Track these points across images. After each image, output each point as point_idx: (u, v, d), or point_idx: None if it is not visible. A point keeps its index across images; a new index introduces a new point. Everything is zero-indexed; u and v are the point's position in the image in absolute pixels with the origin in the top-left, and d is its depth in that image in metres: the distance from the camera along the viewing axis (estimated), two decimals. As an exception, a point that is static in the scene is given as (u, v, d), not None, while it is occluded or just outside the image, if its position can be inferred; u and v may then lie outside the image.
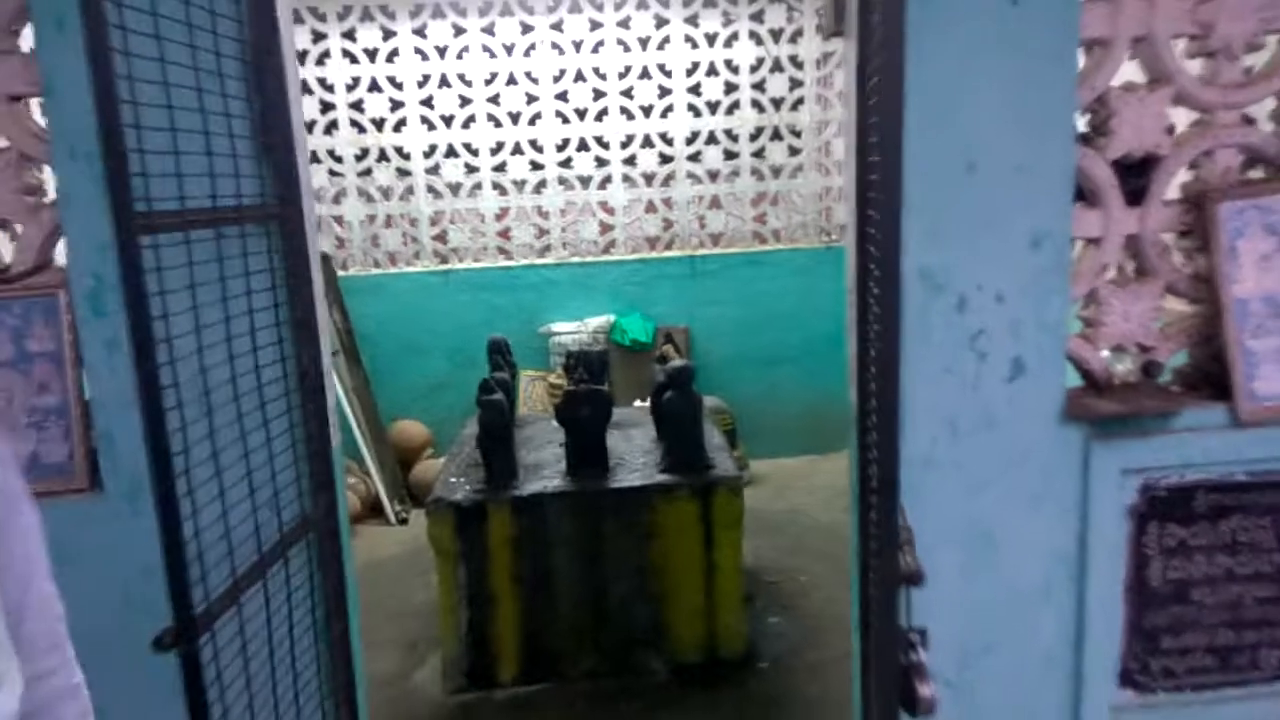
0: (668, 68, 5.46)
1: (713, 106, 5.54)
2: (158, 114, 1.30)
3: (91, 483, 1.73)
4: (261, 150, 1.67)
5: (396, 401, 5.43)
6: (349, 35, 5.30)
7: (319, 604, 1.86)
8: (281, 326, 1.71)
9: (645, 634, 3.39)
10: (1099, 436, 1.80)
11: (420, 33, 5.33)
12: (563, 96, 5.45)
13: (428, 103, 5.41)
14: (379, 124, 5.42)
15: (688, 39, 5.43)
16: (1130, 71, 1.83)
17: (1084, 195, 1.83)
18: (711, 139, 5.58)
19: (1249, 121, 1.84)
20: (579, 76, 5.44)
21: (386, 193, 5.51)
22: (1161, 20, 1.77)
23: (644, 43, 5.42)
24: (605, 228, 5.64)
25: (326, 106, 5.36)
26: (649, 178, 5.60)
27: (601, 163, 5.56)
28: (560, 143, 5.51)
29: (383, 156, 5.47)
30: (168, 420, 1.23)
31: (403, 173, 5.50)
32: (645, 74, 5.46)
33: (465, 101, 5.42)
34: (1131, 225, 1.84)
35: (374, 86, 5.37)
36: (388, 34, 5.31)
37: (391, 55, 5.34)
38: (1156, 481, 1.83)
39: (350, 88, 5.36)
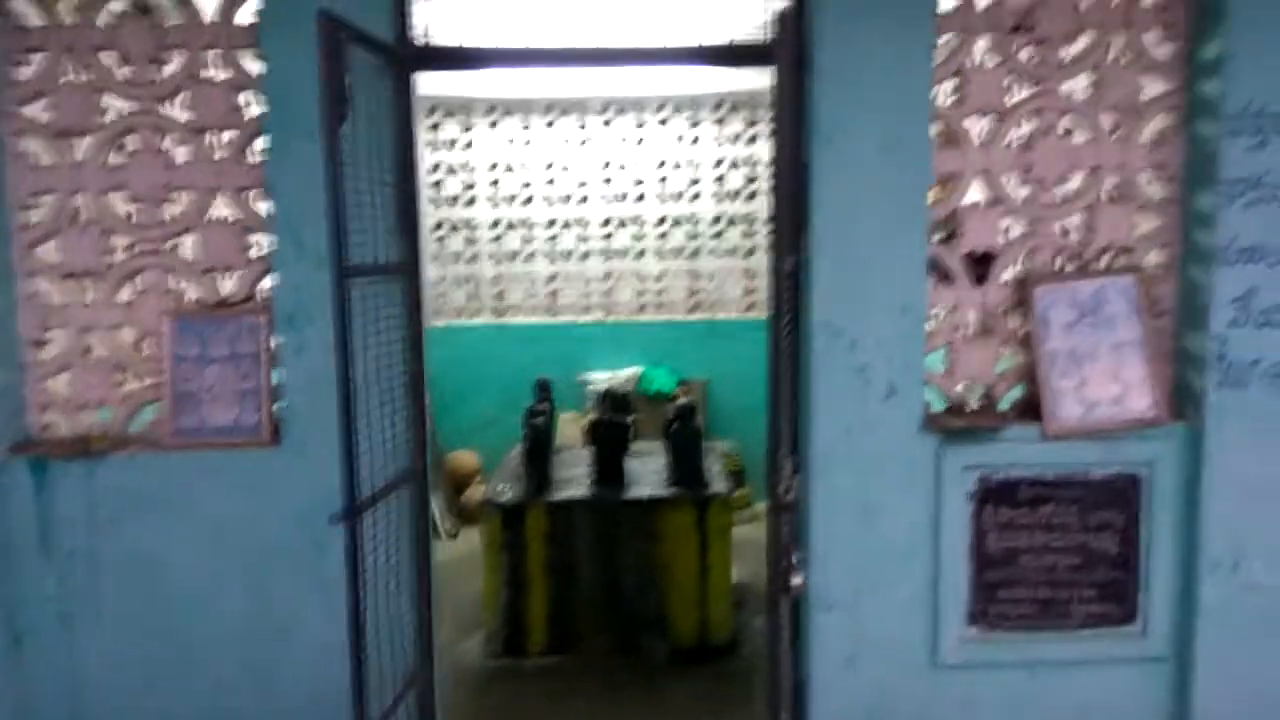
0: (697, 161, 6.45)
1: (736, 194, 6.50)
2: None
3: (274, 440, 2.64)
4: (398, 227, 2.61)
5: (454, 434, 6.34)
6: (433, 128, 6.38)
7: (409, 530, 2.73)
8: (404, 344, 2.62)
9: (649, 619, 4.18)
10: (949, 442, 2.62)
11: (493, 126, 6.40)
12: (608, 181, 6.46)
13: (495, 184, 6.45)
14: (454, 200, 6.46)
15: (716, 138, 6.43)
16: (977, 193, 2.70)
17: (945, 276, 2.69)
18: (733, 221, 6.53)
19: (1064, 232, 2.70)
20: (623, 166, 6.45)
21: (457, 257, 6.53)
22: (997, 161, 2.65)
23: (679, 139, 6.43)
24: (639, 292, 6.58)
25: (410, 184, 6.41)
26: (679, 251, 6.55)
27: (639, 237, 6.53)
28: (604, 220, 6.50)
29: (454, 228, 6.50)
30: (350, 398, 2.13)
31: (470, 241, 6.52)
32: (679, 165, 6.46)
33: (526, 184, 6.45)
34: (977, 299, 2.69)
35: (450, 170, 6.42)
36: (466, 127, 6.39)
37: (467, 144, 6.41)
38: (990, 476, 2.64)
39: (431, 170, 6.42)
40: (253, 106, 2.65)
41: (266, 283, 2.68)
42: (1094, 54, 2.62)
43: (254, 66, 2.61)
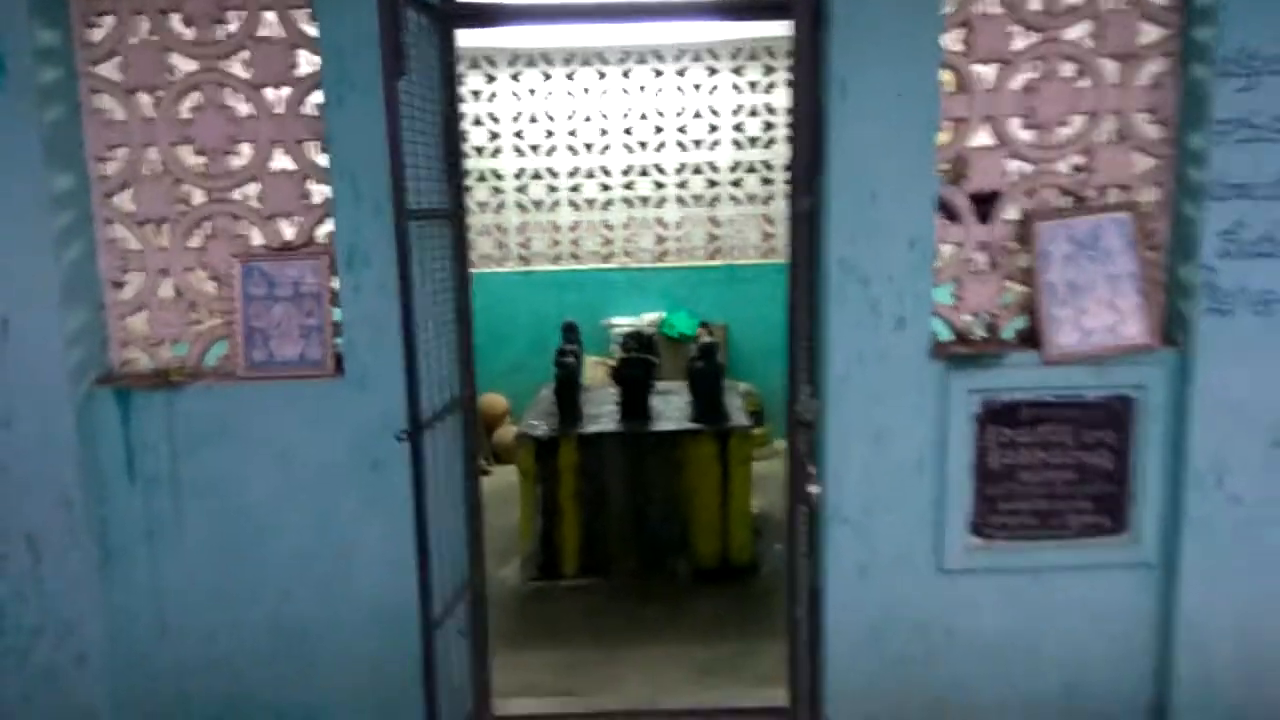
0: (716, 109, 6.59)
1: (753, 141, 6.65)
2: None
3: (336, 371, 2.89)
4: (446, 173, 2.82)
5: (484, 377, 6.52)
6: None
7: (460, 452, 2.98)
8: (452, 281, 2.85)
9: (674, 543, 4.46)
10: (955, 368, 2.84)
11: (515, 78, 6.55)
12: (628, 131, 6.62)
13: (519, 134, 6.62)
14: (479, 150, 6.64)
15: (734, 85, 6.56)
16: (984, 137, 2.88)
17: (952, 216, 2.88)
18: (751, 168, 6.69)
19: (1065, 172, 2.88)
20: (643, 115, 6.60)
21: (483, 206, 6.72)
22: (1002, 105, 2.82)
23: (697, 88, 6.57)
24: (660, 239, 6.77)
25: (437, 135, 6.60)
26: (698, 198, 6.73)
27: (659, 185, 6.70)
28: (625, 169, 6.67)
29: (481, 178, 6.69)
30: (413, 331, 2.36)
31: (496, 190, 6.71)
32: (697, 114, 6.61)
33: (549, 134, 6.62)
34: (983, 235, 2.89)
35: (476, 120, 6.59)
36: (490, 78, 6.55)
37: (491, 96, 6.57)
38: (993, 399, 2.86)
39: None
40: (306, 64, 2.85)
41: (324, 228, 2.90)
42: (1094, 2, 2.78)
43: (308, 26, 2.80)
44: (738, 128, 6.63)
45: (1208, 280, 2.75)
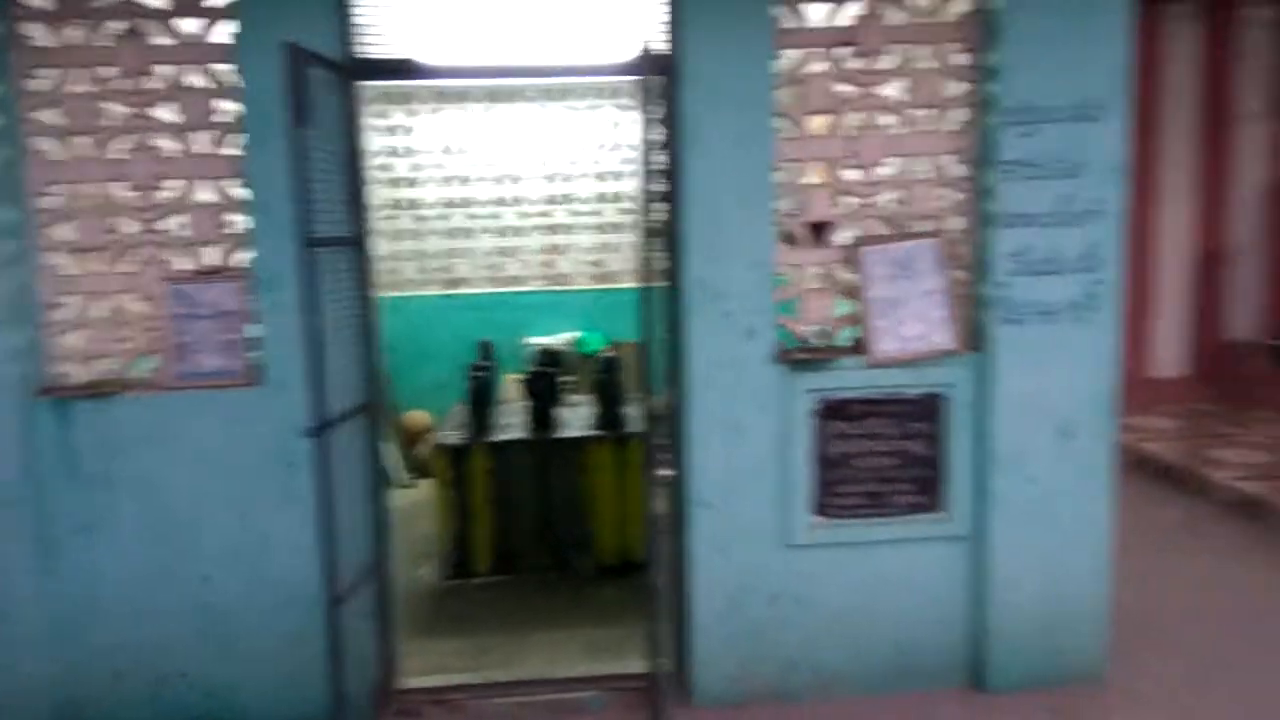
0: (626, 142, 7.10)
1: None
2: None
3: (253, 381, 3.26)
4: (351, 205, 3.23)
5: (408, 395, 6.96)
6: (380, 115, 6.95)
7: (366, 449, 3.37)
8: (357, 300, 3.26)
9: (578, 541, 4.87)
10: (797, 371, 3.31)
11: (436, 112, 6.98)
12: (546, 163, 7.09)
13: (438, 166, 7.05)
14: (401, 182, 7.05)
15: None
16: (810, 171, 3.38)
17: (794, 241, 3.37)
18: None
19: (884, 204, 3.39)
20: (559, 148, 7.08)
21: (406, 234, 7.12)
22: (830, 149, 3.33)
23: (615, 126, 7.07)
24: (577, 264, 7.24)
25: (363, 166, 7.01)
26: (615, 226, 7.21)
27: (576, 214, 7.17)
28: (544, 198, 7.14)
29: (403, 206, 7.08)
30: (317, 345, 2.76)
31: (419, 218, 7.11)
32: (610, 147, 7.10)
33: (466, 166, 7.06)
34: (818, 258, 3.38)
35: (396, 154, 7.01)
36: (411, 114, 6.98)
37: (413, 130, 6.99)
38: (829, 397, 3.34)
39: (380, 155, 6.99)
40: (225, 111, 3.25)
41: (242, 254, 3.29)
42: (907, 62, 3.31)
43: (229, 76, 3.20)
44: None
45: (1002, 295, 3.28)
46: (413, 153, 7.03)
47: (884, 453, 3.39)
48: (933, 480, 3.40)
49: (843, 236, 3.40)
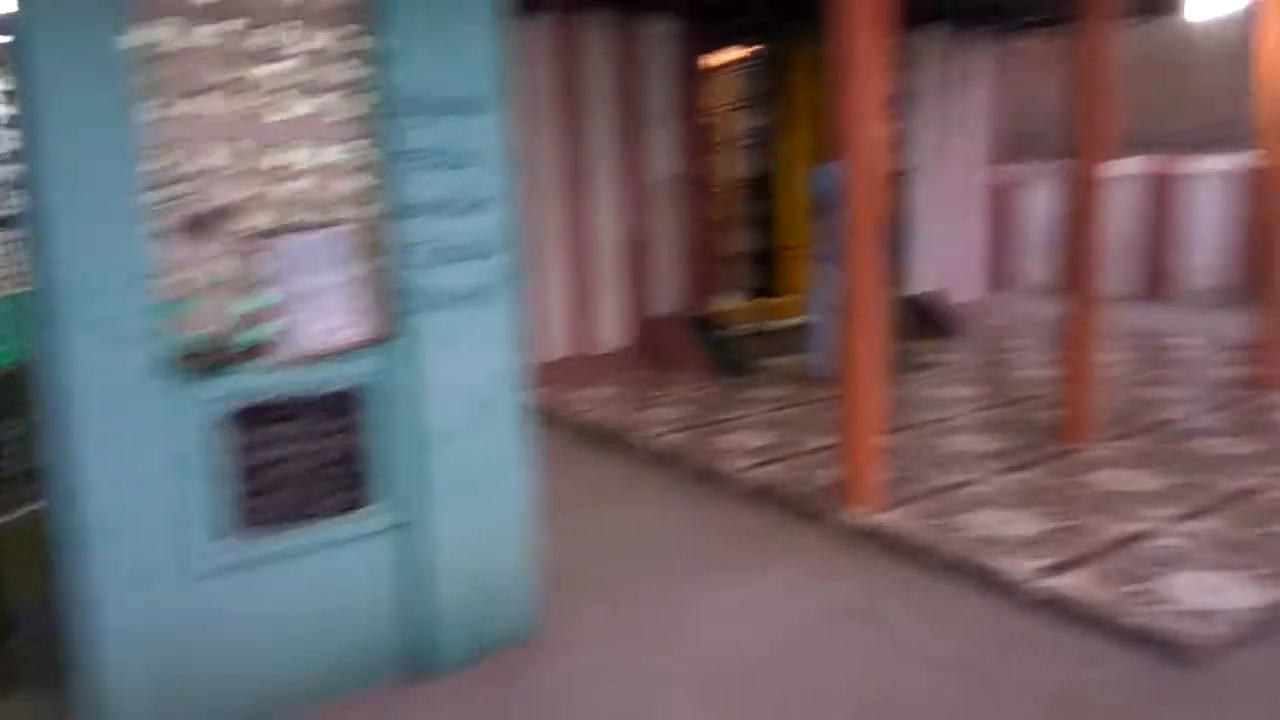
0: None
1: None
2: None
3: None
4: None
5: None
6: None
7: None
8: None
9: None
10: (192, 378, 3.01)
11: None
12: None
13: None
14: None
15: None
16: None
17: (183, 235, 3.06)
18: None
19: (294, 192, 3.23)
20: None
21: None
22: (203, 133, 3.07)
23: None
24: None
25: None
26: None
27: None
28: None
29: None
30: None
31: None
32: None
33: None
34: (214, 252, 3.11)
35: None
36: None
37: None
38: (237, 403, 3.10)
39: None
40: None
41: None
42: (300, 43, 3.17)
43: None
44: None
45: (415, 283, 3.32)
46: None
47: (309, 454, 3.25)
48: (363, 475, 3.35)
49: (246, 227, 3.17)
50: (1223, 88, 10.33)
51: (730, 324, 8.78)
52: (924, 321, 9.13)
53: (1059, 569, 4.12)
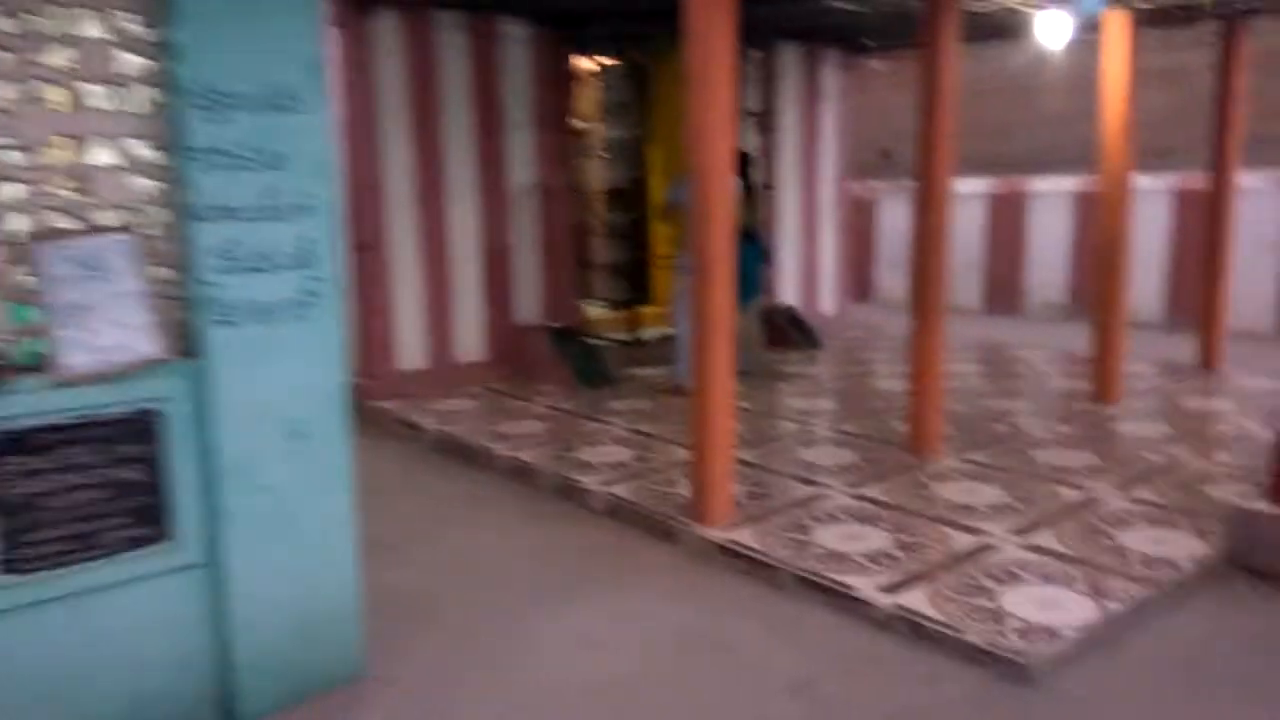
0: None
1: None
2: None
3: None
4: None
5: None
6: None
7: None
8: None
9: None
10: (-51, 401, 2.64)
11: None
12: None
13: None
14: None
15: None
16: None
17: (-69, 238, 2.67)
18: None
19: (64, 194, 2.88)
20: None
21: None
22: (-24, 124, 2.70)
23: None
24: None
25: None
26: None
27: None
28: None
29: None
30: None
31: None
32: None
33: None
34: (-28, 258, 2.73)
35: None
36: None
37: None
38: (3, 428, 2.73)
39: None
40: None
41: None
42: (71, 29, 2.83)
43: None
44: None
45: (212, 295, 3.01)
46: None
47: (90, 485, 2.90)
48: (155, 508, 3.01)
49: (8, 230, 2.81)
50: (1067, 112, 10.85)
51: (596, 334, 8.62)
52: (785, 332, 9.20)
53: (903, 584, 4.11)
